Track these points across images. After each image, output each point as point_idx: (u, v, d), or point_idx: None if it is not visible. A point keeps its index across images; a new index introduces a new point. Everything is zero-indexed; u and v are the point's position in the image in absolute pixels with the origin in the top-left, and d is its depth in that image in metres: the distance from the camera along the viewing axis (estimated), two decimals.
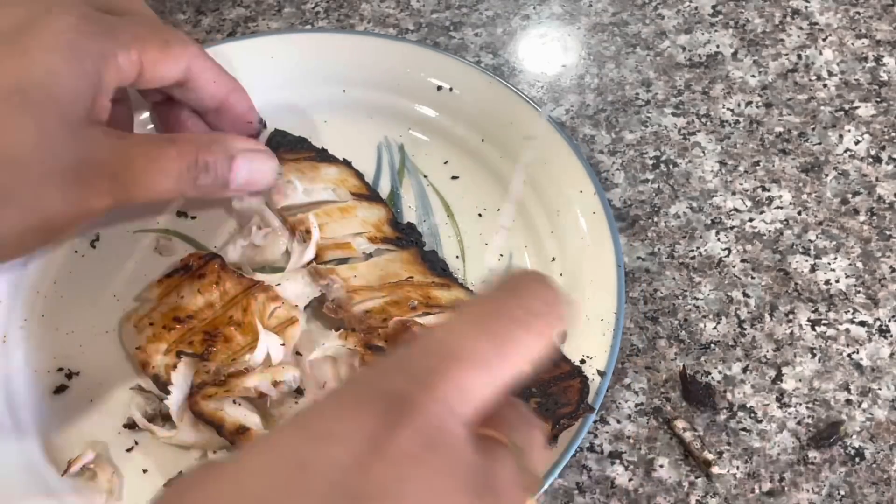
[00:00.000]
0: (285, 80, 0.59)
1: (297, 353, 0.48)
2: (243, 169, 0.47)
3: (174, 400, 0.46)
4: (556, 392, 0.47)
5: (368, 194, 0.55)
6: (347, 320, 0.49)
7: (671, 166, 0.59)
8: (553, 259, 0.53)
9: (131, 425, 0.48)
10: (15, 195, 0.40)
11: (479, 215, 0.56)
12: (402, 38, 0.63)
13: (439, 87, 0.59)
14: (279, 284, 0.50)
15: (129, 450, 0.48)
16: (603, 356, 0.48)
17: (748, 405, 0.50)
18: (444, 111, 0.59)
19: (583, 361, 0.48)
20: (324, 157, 0.56)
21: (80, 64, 0.42)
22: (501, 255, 0.54)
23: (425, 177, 0.58)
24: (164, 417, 0.48)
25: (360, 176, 0.56)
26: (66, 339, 0.51)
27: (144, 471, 0.47)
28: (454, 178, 0.57)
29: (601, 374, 0.47)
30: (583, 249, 0.52)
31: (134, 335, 0.50)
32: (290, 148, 0.55)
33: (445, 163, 0.58)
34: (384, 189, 0.57)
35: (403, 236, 0.54)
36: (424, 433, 0.26)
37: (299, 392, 0.48)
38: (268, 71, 0.58)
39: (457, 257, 0.54)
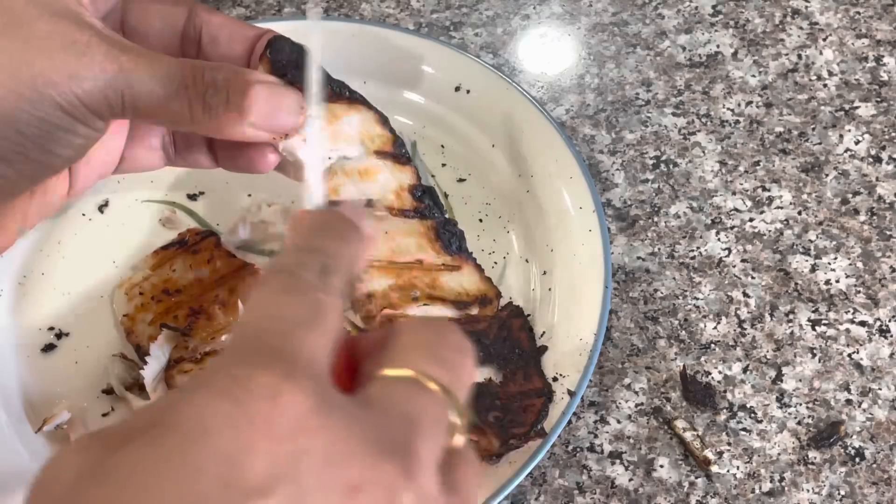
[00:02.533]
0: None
1: None
2: (261, 97, 0.41)
3: (149, 371, 0.47)
4: (516, 409, 0.47)
5: (393, 152, 0.49)
6: (350, 302, 0.49)
7: (671, 166, 0.59)
8: (545, 272, 0.53)
9: (110, 391, 0.50)
10: (1, 62, 0.37)
11: (480, 220, 0.56)
12: (426, 35, 0.63)
13: (457, 88, 0.59)
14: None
15: (105, 415, 0.49)
16: (576, 376, 0.47)
17: (748, 405, 0.50)
18: (459, 112, 0.59)
19: (555, 378, 0.48)
20: (340, 94, 0.47)
21: None
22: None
23: (433, 176, 0.58)
24: (140, 387, 0.48)
25: (383, 120, 0.49)
26: (62, 300, 0.53)
27: None
28: (461, 180, 0.57)
29: (571, 393, 0.47)
30: (574, 267, 0.52)
31: (124, 302, 0.50)
32: (297, 80, 0.44)
33: (457, 166, 0.58)
34: None
35: (423, 206, 0.50)
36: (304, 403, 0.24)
37: None
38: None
39: None
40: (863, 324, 0.53)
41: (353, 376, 0.29)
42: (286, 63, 0.44)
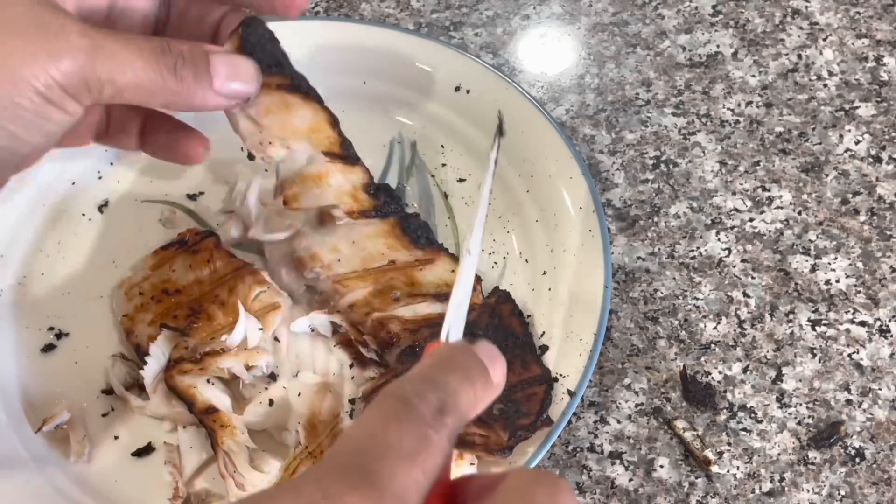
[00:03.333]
0: (307, 66, 0.59)
1: (276, 340, 0.48)
2: (222, 67, 0.42)
3: (149, 371, 0.47)
4: (519, 399, 0.46)
5: (342, 153, 0.49)
6: (333, 314, 0.50)
7: (671, 166, 0.59)
8: (544, 272, 0.53)
9: (109, 391, 0.50)
10: None
11: None
12: (426, 35, 0.63)
13: (457, 88, 0.59)
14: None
15: (104, 415, 0.49)
16: (576, 376, 0.47)
17: (748, 405, 0.50)
18: (459, 112, 0.59)
19: (555, 379, 0.48)
20: (298, 86, 0.47)
21: None
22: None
23: (433, 176, 0.58)
24: (140, 387, 0.49)
25: (334, 122, 0.49)
26: (61, 300, 0.53)
27: (116, 437, 0.49)
28: (461, 180, 0.57)
29: (571, 393, 0.47)
30: (574, 267, 0.52)
31: (123, 302, 0.50)
32: (263, 62, 0.46)
33: (457, 166, 0.58)
34: (390, 183, 0.57)
35: (381, 205, 0.50)
36: None
37: (272, 377, 0.48)
38: (290, 55, 0.58)
39: None
40: (863, 324, 0.53)
41: None
42: (255, 43, 0.45)
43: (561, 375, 0.48)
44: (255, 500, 0.26)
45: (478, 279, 0.51)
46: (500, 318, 0.50)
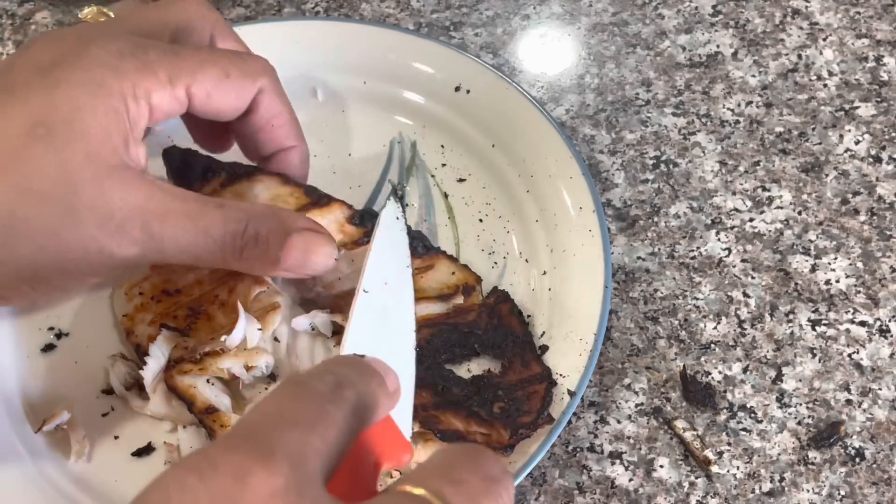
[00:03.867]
0: (307, 66, 0.59)
1: (276, 340, 0.48)
2: (298, 249, 0.42)
3: (149, 371, 0.47)
4: (520, 397, 0.47)
5: (312, 200, 0.50)
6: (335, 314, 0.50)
7: (671, 166, 0.59)
8: (544, 272, 0.53)
9: (109, 391, 0.50)
10: (30, 229, 0.38)
11: (480, 220, 0.56)
12: (426, 35, 0.63)
13: (457, 88, 0.59)
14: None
15: (104, 415, 0.49)
16: (576, 376, 0.47)
17: (748, 405, 0.50)
18: (459, 112, 0.58)
19: (555, 382, 0.48)
20: (235, 173, 0.50)
21: (109, 101, 0.40)
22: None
23: (433, 176, 0.58)
24: (140, 387, 0.49)
25: (285, 179, 0.50)
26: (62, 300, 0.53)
27: (116, 437, 0.49)
28: (461, 180, 0.57)
29: (571, 393, 0.47)
30: (574, 267, 0.52)
31: (124, 302, 0.50)
32: (195, 176, 0.49)
33: (457, 166, 0.58)
34: (390, 183, 0.57)
35: (370, 230, 0.50)
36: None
37: (272, 378, 0.48)
38: (291, 55, 0.58)
39: None
40: (863, 324, 0.53)
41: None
42: (180, 167, 0.49)
43: (561, 375, 0.48)
44: (146, 489, 0.26)
45: (477, 279, 0.52)
46: (499, 318, 0.50)
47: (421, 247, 0.51)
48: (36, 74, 0.40)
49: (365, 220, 0.50)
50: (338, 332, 0.49)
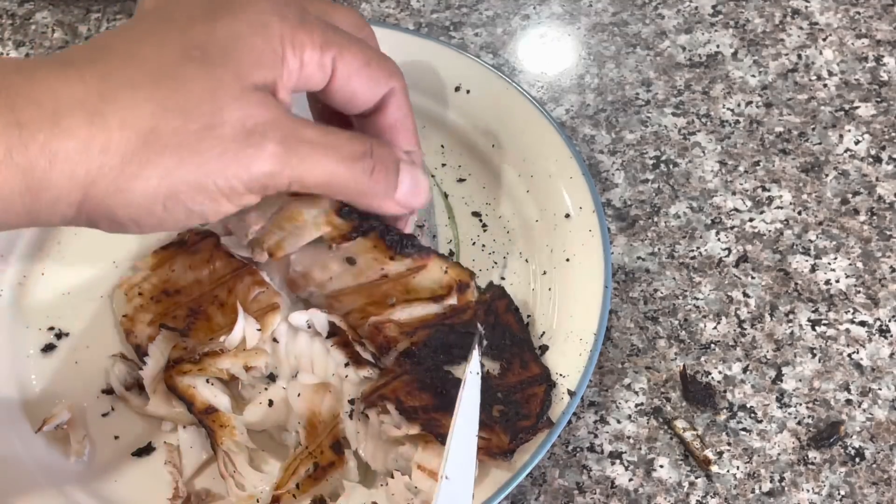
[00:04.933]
0: None
1: (275, 340, 0.48)
2: (406, 178, 0.45)
3: (148, 371, 0.47)
4: (519, 400, 0.46)
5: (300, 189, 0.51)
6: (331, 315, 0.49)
7: (671, 166, 0.59)
8: (545, 272, 0.53)
9: (109, 391, 0.50)
10: (171, 143, 0.39)
11: (480, 220, 0.56)
12: (426, 35, 0.63)
13: (457, 88, 0.59)
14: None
15: (104, 415, 0.49)
16: (576, 376, 0.47)
17: (748, 405, 0.50)
18: (459, 112, 0.58)
19: (554, 383, 0.48)
20: None
21: (267, 40, 0.41)
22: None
23: (433, 176, 0.58)
24: (140, 387, 0.49)
25: None
26: (62, 300, 0.53)
27: (116, 437, 0.49)
28: (461, 180, 0.57)
29: (571, 393, 0.47)
30: (575, 267, 0.52)
31: (123, 303, 0.51)
32: None
33: (457, 165, 0.58)
34: None
35: (358, 224, 0.49)
36: None
37: (271, 378, 0.48)
38: None
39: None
40: (863, 324, 0.53)
41: None
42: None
43: (561, 375, 0.48)
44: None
45: (471, 275, 0.51)
46: (496, 316, 0.50)
47: (409, 246, 0.50)
48: (199, 7, 0.41)
49: (352, 213, 0.49)
50: (334, 332, 0.49)
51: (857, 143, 0.60)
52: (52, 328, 0.52)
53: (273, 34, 0.41)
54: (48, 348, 0.51)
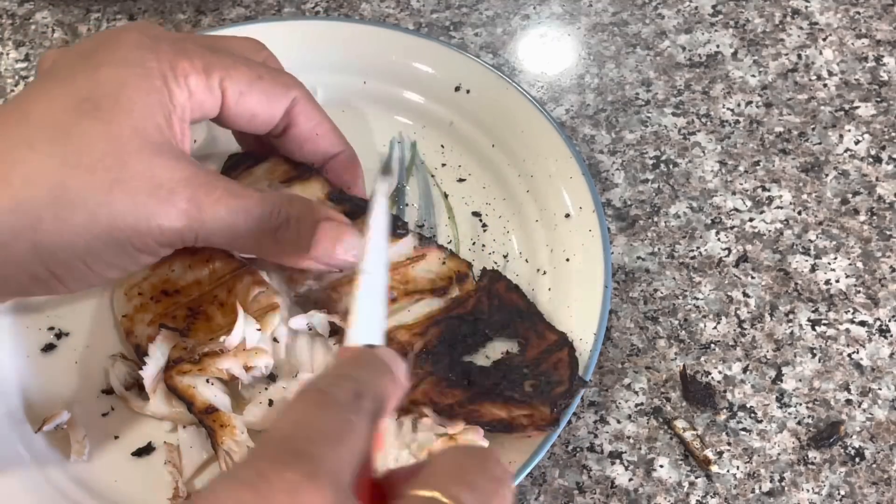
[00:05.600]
0: (306, 66, 0.59)
1: (275, 340, 0.48)
2: (328, 237, 0.44)
3: (148, 371, 0.47)
4: (547, 369, 0.47)
5: (296, 173, 0.51)
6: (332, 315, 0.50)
7: (671, 166, 0.59)
8: (544, 272, 0.53)
9: (109, 391, 0.50)
10: (82, 199, 0.39)
11: (480, 220, 0.56)
12: (426, 35, 0.63)
13: (457, 88, 0.59)
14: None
15: (104, 414, 0.49)
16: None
17: (748, 405, 0.50)
18: (459, 112, 0.58)
19: (572, 343, 0.48)
20: (241, 157, 0.52)
21: (150, 80, 0.41)
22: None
23: (433, 176, 0.58)
24: (140, 387, 0.49)
25: (286, 159, 0.52)
26: (61, 300, 0.53)
27: (116, 437, 0.49)
28: (461, 180, 0.57)
29: (573, 391, 0.47)
30: (575, 267, 0.52)
31: (123, 302, 0.50)
32: (235, 164, 0.52)
33: (457, 165, 0.58)
34: (390, 185, 0.57)
35: (350, 209, 0.50)
36: None
37: (272, 378, 0.48)
38: (291, 55, 0.58)
39: None
40: (863, 324, 0.53)
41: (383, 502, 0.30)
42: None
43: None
44: (198, 498, 0.26)
45: (468, 265, 0.51)
46: (499, 298, 0.50)
47: (401, 225, 0.51)
48: (78, 59, 0.42)
49: (343, 199, 0.51)
50: (335, 332, 0.49)
51: (857, 143, 0.60)
52: (52, 328, 0.52)
53: (153, 74, 0.41)
54: (48, 348, 0.51)
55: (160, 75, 0.42)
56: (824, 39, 0.65)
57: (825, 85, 0.63)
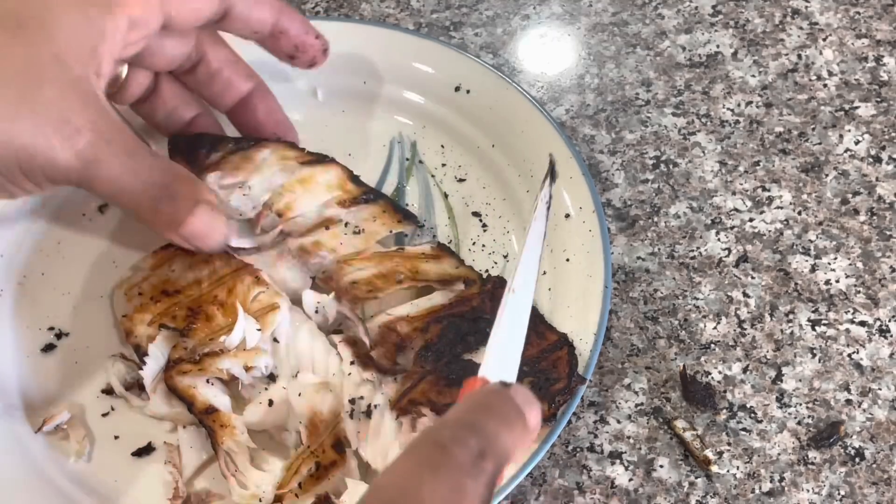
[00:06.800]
0: None
1: (275, 340, 0.48)
2: (200, 220, 0.45)
3: (148, 371, 0.47)
4: (546, 367, 0.47)
5: (315, 158, 0.53)
6: (336, 291, 0.50)
7: (671, 166, 0.59)
8: (544, 273, 0.53)
9: (109, 391, 0.50)
10: None
11: (480, 220, 0.56)
12: (426, 35, 0.63)
13: (457, 88, 0.59)
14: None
15: (104, 415, 0.49)
16: None
17: (748, 405, 0.50)
18: (459, 112, 0.58)
19: (572, 343, 0.48)
20: (246, 143, 0.53)
21: (83, 10, 0.40)
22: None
23: (433, 176, 0.58)
24: (140, 387, 0.49)
25: (293, 145, 0.53)
26: (62, 300, 0.53)
27: (116, 437, 0.49)
28: (461, 180, 0.57)
29: (572, 389, 0.47)
30: (574, 267, 0.52)
31: (123, 303, 0.51)
32: (208, 149, 0.52)
33: (457, 165, 0.58)
34: (390, 185, 0.57)
35: (368, 189, 0.53)
36: None
37: (272, 378, 0.48)
38: None
39: None
40: (863, 324, 0.53)
41: None
42: (184, 150, 0.51)
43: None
44: None
45: (479, 276, 0.51)
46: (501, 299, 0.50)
47: (416, 221, 0.53)
48: None
49: (361, 182, 0.53)
50: (338, 331, 0.49)
51: (857, 143, 0.60)
52: (51, 328, 0.52)
53: (89, 5, 0.41)
54: (48, 348, 0.51)
55: (96, 7, 0.41)
56: (824, 39, 0.65)
57: (825, 85, 0.63)
